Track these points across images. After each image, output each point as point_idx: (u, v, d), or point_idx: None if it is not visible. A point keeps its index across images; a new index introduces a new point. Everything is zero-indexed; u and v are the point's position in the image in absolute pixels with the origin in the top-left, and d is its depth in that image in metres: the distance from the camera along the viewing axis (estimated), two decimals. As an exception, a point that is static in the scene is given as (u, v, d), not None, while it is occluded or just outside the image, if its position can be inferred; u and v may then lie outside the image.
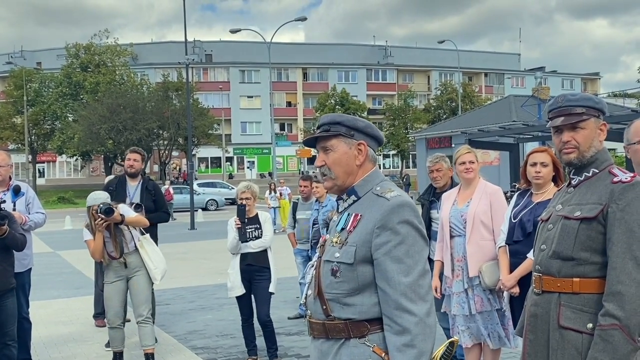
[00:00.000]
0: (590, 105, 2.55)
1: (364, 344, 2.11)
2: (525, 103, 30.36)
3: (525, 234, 4.11)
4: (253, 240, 5.75)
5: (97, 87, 49.84)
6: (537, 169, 4.14)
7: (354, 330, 2.13)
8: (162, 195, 6.91)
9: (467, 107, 55.30)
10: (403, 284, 2.04)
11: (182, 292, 9.84)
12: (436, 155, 5.42)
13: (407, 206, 2.13)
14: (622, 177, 2.43)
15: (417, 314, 2.02)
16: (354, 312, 2.13)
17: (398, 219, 2.09)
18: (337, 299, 2.15)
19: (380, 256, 2.08)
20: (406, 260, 2.06)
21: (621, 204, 2.36)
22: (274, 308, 6.53)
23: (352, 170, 2.26)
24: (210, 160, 65.51)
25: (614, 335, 2.26)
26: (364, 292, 2.12)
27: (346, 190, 2.29)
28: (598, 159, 2.54)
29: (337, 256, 2.16)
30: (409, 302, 2.02)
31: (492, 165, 29.13)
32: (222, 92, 64.82)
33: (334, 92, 57.31)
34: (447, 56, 67.94)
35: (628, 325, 2.24)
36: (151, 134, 47.40)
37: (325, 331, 2.19)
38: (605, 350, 2.27)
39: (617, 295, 2.28)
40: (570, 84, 77.25)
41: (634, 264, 2.28)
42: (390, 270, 2.06)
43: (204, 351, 6.44)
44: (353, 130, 2.27)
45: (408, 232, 2.09)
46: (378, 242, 2.09)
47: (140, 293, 5.60)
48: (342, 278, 2.14)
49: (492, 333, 4.55)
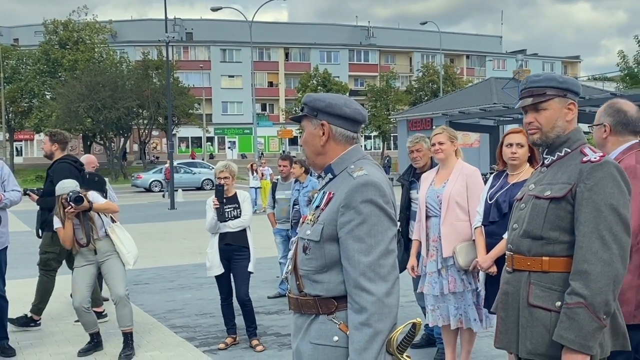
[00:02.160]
0: (553, 85, 2.54)
1: (332, 321, 2.14)
2: (506, 85, 30.50)
3: (501, 215, 4.15)
4: (232, 220, 5.74)
5: (75, 64, 49.08)
6: (513, 150, 4.17)
7: (322, 307, 2.16)
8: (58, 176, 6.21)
9: (448, 89, 55.43)
10: (363, 263, 2.04)
11: (162, 271, 9.82)
12: (416, 136, 5.43)
13: (371, 185, 2.11)
14: (592, 156, 2.43)
15: (375, 293, 2.02)
16: (322, 289, 2.16)
17: (361, 198, 2.09)
18: (308, 276, 2.19)
19: (343, 235, 2.09)
20: (367, 240, 2.06)
21: (589, 183, 2.37)
22: (253, 287, 6.55)
23: (318, 150, 2.28)
24: (190, 140, 65.10)
25: (579, 313, 2.29)
26: (332, 270, 2.14)
27: (323, 168, 2.31)
28: (570, 139, 2.54)
29: (308, 234, 2.20)
30: (368, 281, 2.03)
31: (472, 147, 29.30)
32: (202, 71, 64.21)
33: (316, 72, 57.04)
34: (429, 38, 67.89)
35: (593, 303, 2.27)
36: (130, 113, 46.91)
37: (299, 306, 2.23)
38: (571, 328, 2.30)
39: (583, 274, 2.30)
40: (551, 67, 77.64)
41: (600, 243, 2.30)
42: (351, 249, 2.07)
43: (183, 330, 6.45)
44: (315, 111, 2.27)
45: (371, 212, 2.08)
46: (342, 221, 2.10)
47: (115, 274, 5.56)
48: (312, 255, 2.17)
49: (464, 314, 4.61)
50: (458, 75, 64.11)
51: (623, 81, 35.90)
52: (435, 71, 59.03)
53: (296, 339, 2.26)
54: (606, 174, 2.36)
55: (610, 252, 2.29)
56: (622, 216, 2.33)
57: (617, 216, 2.32)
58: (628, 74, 34.86)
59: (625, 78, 35.50)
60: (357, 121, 2.30)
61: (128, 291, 5.70)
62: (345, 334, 2.11)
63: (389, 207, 2.13)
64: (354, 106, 2.29)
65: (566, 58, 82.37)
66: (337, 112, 2.26)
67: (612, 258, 2.29)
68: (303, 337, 2.21)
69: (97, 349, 5.72)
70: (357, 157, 2.28)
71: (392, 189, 2.23)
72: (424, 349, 5.55)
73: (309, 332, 2.19)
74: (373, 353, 2.00)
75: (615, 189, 2.35)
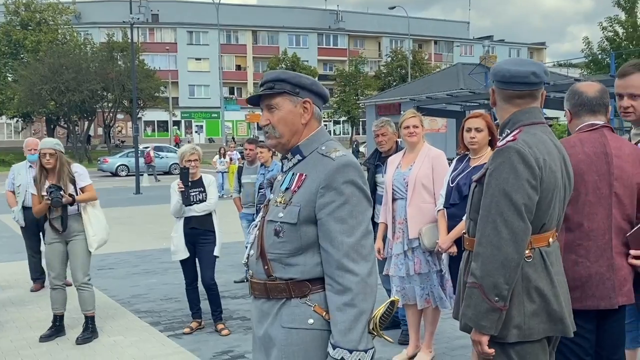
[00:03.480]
0: (490, 75, 2.64)
1: (305, 304, 2.11)
2: (473, 71, 30.74)
3: (462, 197, 4.20)
4: (197, 204, 5.69)
5: (38, 46, 47.89)
6: (471, 135, 4.22)
7: (295, 290, 2.13)
8: None
9: (416, 74, 55.67)
10: (346, 244, 2.03)
11: (126, 256, 9.70)
12: (382, 120, 5.43)
13: (352, 166, 2.11)
14: (502, 142, 2.48)
15: (359, 273, 2.02)
16: (296, 271, 2.13)
17: (343, 179, 2.08)
18: (280, 259, 2.15)
19: (324, 216, 2.07)
20: (349, 221, 2.05)
21: (491, 168, 2.42)
22: (220, 272, 6.52)
23: (297, 129, 2.22)
24: (156, 124, 64.24)
25: (474, 292, 2.37)
26: (307, 252, 2.12)
27: (290, 149, 2.25)
28: (511, 120, 2.54)
29: (281, 216, 2.14)
30: (351, 262, 2.03)
31: (439, 133, 29.53)
32: (168, 54, 63.23)
33: (285, 56, 56.75)
34: (398, 23, 67.94)
35: (483, 284, 2.34)
36: (95, 96, 46.02)
37: (267, 291, 2.18)
38: (469, 306, 2.40)
39: (477, 256, 2.38)
40: (517, 53, 78.43)
41: (492, 228, 2.35)
42: (333, 231, 2.05)
43: (147, 315, 6.39)
44: (298, 88, 2.21)
45: (352, 193, 2.08)
46: (322, 202, 2.07)
47: (76, 258, 5.51)
48: (285, 238, 2.13)
49: (430, 294, 4.67)
50: (426, 60, 64.41)
51: (587, 68, 36.44)
52: (403, 56, 59.21)
53: (262, 325, 2.21)
54: (505, 159, 2.38)
55: (500, 236, 2.32)
56: (514, 201, 2.32)
57: (508, 201, 2.33)
58: (592, 61, 35.39)
59: (589, 64, 36.05)
60: (326, 101, 2.32)
61: (89, 277, 5.61)
62: (320, 316, 2.10)
63: (366, 188, 2.14)
64: (322, 86, 2.31)
65: (532, 44, 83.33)
66: (318, 91, 2.25)
67: (500, 242, 2.32)
68: (273, 322, 2.17)
69: (60, 334, 5.65)
70: (325, 137, 2.26)
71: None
72: (388, 330, 5.57)
73: (279, 317, 2.15)
74: (358, 333, 2.00)
75: (510, 174, 2.34)
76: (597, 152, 2.81)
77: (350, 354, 1.99)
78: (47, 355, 5.22)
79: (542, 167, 2.38)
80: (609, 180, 2.80)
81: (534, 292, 2.41)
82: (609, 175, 2.80)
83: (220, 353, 5.21)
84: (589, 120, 2.94)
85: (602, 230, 2.78)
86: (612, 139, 2.88)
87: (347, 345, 2.00)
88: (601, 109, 2.95)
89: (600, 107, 2.94)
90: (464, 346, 5.10)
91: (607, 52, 32.58)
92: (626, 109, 3.14)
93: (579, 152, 2.81)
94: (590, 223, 2.79)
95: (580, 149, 2.82)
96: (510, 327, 2.38)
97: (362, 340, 2.01)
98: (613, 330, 2.90)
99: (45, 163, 5.40)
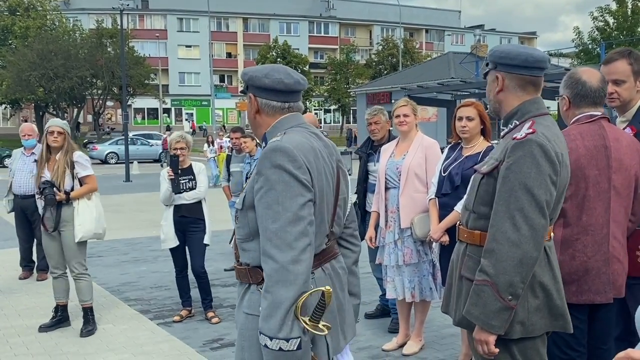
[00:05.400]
0: (489, 58, 2.51)
1: (259, 291, 2.12)
2: (464, 60, 30.77)
3: (453, 187, 4.19)
4: (187, 192, 5.65)
5: (26, 32, 47.36)
6: (462, 123, 4.19)
7: (252, 276, 2.18)
8: None
9: (407, 63, 55.60)
10: (269, 230, 2.01)
11: (116, 244, 9.66)
12: (374, 108, 5.41)
13: (280, 151, 2.06)
14: (520, 133, 2.35)
15: (279, 260, 1.98)
16: (249, 257, 2.19)
17: (269, 164, 2.06)
18: (240, 245, 2.23)
19: (256, 202, 2.08)
20: (274, 207, 2.02)
21: (509, 161, 2.31)
22: (210, 260, 6.51)
23: (254, 123, 2.33)
24: (146, 111, 63.86)
25: (484, 291, 2.28)
26: (256, 239, 2.13)
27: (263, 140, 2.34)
28: (520, 110, 2.45)
29: (237, 202, 2.24)
30: (273, 248, 2.00)
31: (430, 122, 29.54)
32: (159, 41, 62.73)
33: (276, 44, 56.44)
34: (389, 11, 67.74)
35: (497, 283, 2.25)
36: (84, 83, 45.67)
37: (238, 275, 2.26)
38: (477, 304, 2.30)
39: (491, 252, 2.28)
40: (508, 42, 78.48)
41: (510, 224, 2.25)
42: (260, 216, 2.05)
43: (137, 303, 6.37)
44: (245, 85, 2.33)
45: (279, 178, 2.03)
46: (255, 189, 2.09)
47: (68, 248, 5.40)
48: (239, 224, 2.21)
49: (418, 286, 4.67)
50: (417, 49, 64.31)
51: (578, 57, 36.54)
52: (394, 45, 59.07)
53: (236, 308, 2.30)
54: (526, 153, 2.27)
55: (519, 233, 2.23)
56: (536, 196, 2.24)
57: (530, 196, 2.24)
58: (582, 50, 35.50)
59: (580, 54, 36.14)
60: (280, 91, 2.25)
61: (85, 267, 5.49)
62: None
63: (300, 173, 2.05)
64: (276, 76, 2.23)
65: (523, 34, 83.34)
66: (257, 84, 2.26)
67: (520, 239, 2.23)
68: (239, 306, 2.25)
69: (62, 325, 5.58)
70: (289, 125, 2.24)
71: (327, 156, 2.22)
72: (378, 319, 5.61)
73: (243, 301, 2.22)
74: (277, 321, 1.95)
75: (532, 169, 2.25)
76: (597, 146, 2.79)
77: (271, 341, 1.97)
78: (36, 344, 5.19)
79: (561, 162, 2.32)
80: (608, 174, 2.79)
81: (537, 288, 2.36)
82: (608, 169, 2.79)
83: (210, 341, 5.20)
84: (588, 111, 2.90)
85: (600, 224, 2.78)
86: (611, 131, 2.87)
87: (267, 332, 1.97)
88: (602, 100, 2.92)
89: (602, 99, 2.91)
90: (454, 334, 5.12)
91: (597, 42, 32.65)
92: (610, 95, 3.14)
93: (579, 147, 2.79)
94: (589, 217, 2.78)
95: (580, 142, 2.80)
96: (514, 324, 2.32)
97: (282, 329, 1.96)
98: (604, 322, 2.91)
99: (53, 141, 5.32)
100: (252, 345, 2.14)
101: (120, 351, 5.00)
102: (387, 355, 4.81)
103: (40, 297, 6.62)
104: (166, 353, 4.94)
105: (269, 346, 1.98)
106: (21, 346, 5.14)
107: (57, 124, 5.41)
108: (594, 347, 2.91)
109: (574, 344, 2.79)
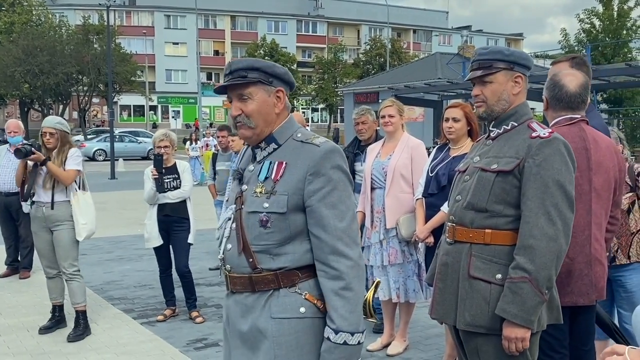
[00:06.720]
0: (499, 58, 2.52)
1: (295, 293, 2.09)
2: (451, 61, 30.83)
3: (440, 187, 4.20)
4: (171, 191, 5.61)
5: (11, 27, 46.88)
6: (449, 125, 4.21)
7: (284, 280, 2.09)
8: None
9: (395, 63, 55.67)
10: (339, 229, 2.04)
11: (100, 242, 9.58)
12: (362, 108, 5.41)
13: (337, 152, 2.12)
14: (541, 132, 2.44)
15: (352, 257, 2.04)
16: (287, 260, 2.09)
17: (330, 164, 2.07)
18: (268, 250, 2.09)
19: (315, 203, 2.05)
20: (339, 206, 2.06)
21: (538, 159, 2.38)
22: (195, 259, 6.47)
23: (271, 119, 2.16)
24: (133, 109, 63.47)
25: (523, 287, 2.31)
26: (295, 241, 2.09)
27: (264, 139, 2.19)
28: (517, 112, 2.53)
29: (267, 206, 2.08)
30: (345, 246, 2.04)
31: (416, 122, 29.62)
32: (145, 38, 62.30)
33: (264, 42, 56.30)
34: (377, 11, 67.80)
35: (537, 278, 2.30)
36: (70, 79, 45.34)
37: (252, 285, 2.12)
38: (514, 302, 2.32)
39: (529, 249, 2.32)
40: (494, 44, 78.71)
41: (546, 219, 2.33)
42: (325, 217, 2.04)
43: (120, 302, 6.32)
44: (272, 77, 2.15)
45: (340, 178, 2.08)
46: (312, 189, 2.05)
47: (61, 248, 5.27)
48: (274, 228, 2.08)
49: (402, 286, 4.66)
50: (405, 49, 64.43)
51: (563, 59, 36.74)
52: (382, 45, 59.14)
53: (246, 319, 2.14)
54: (554, 151, 2.38)
55: (556, 227, 2.32)
56: (568, 192, 2.37)
57: (563, 192, 2.35)
58: (568, 52, 35.73)
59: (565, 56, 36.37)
60: (292, 89, 2.30)
61: (77, 268, 5.39)
62: (312, 304, 2.08)
63: (349, 173, 2.16)
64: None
65: (510, 35, 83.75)
66: (289, 80, 2.22)
67: (557, 234, 2.32)
68: (260, 315, 2.11)
69: (60, 326, 5.48)
70: (296, 125, 2.23)
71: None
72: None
73: (267, 309, 2.10)
74: (358, 315, 2.03)
75: (562, 166, 2.37)
76: (577, 148, 2.79)
77: (352, 336, 2.02)
78: (17, 342, 5.13)
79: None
80: (588, 176, 2.80)
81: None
82: (588, 170, 2.80)
83: (194, 341, 5.17)
84: (566, 114, 2.92)
85: (582, 226, 2.78)
86: (590, 133, 2.88)
87: (349, 328, 2.01)
88: (580, 105, 2.92)
89: (579, 104, 2.92)
90: (438, 335, 5.12)
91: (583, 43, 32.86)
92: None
93: None
94: None
95: None
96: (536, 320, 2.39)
97: (361, 322, 2.04)
98: (585, 323, 2.92)
99: (46, 142, 5.27)
100: (291, 351, 2.08)
101: (102, 351, 4.96)
102: (371, 356, 4.81)
103: (22, 295, 6.56)
104: (149, 353, 4.90)
105: (349, 342, 2.01)
106: (2, 345, 5.08)
107: (49, 125, 5.26)
108: (576, 348, 2.92)
109: (556, 346, 2.80)
